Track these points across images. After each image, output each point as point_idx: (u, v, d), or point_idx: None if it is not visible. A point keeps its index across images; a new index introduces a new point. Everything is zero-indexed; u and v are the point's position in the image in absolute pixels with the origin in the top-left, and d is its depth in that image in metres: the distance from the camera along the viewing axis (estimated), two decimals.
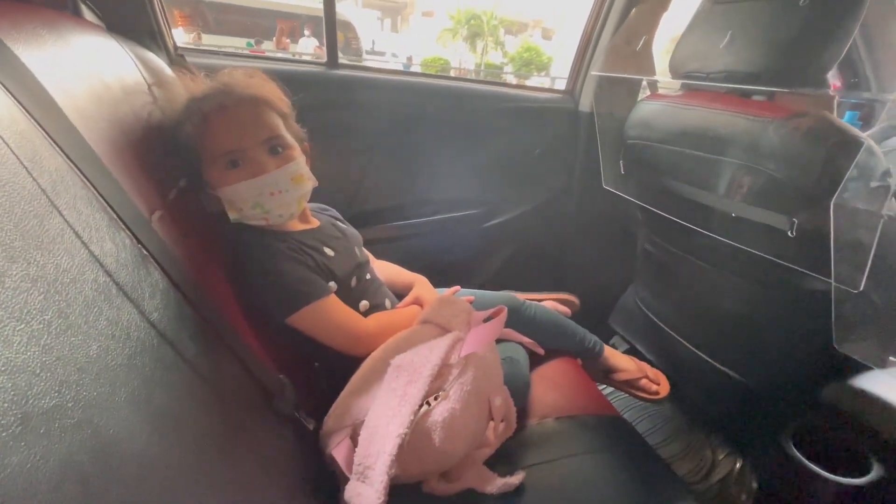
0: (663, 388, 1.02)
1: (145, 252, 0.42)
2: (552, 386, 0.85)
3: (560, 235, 1.34)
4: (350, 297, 0.72)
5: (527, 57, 16.71)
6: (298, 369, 0.70)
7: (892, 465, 0.71)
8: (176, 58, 0.85)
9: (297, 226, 0.72)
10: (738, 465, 1.12)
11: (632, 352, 1.43)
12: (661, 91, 1.04)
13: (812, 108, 0.70)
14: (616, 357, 1.01)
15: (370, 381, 0.61)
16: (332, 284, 0.69)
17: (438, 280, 0.97)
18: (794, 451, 0.75)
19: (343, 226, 0.82)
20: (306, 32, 8.20)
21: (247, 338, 0.60)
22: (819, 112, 0.67)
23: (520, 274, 1.32)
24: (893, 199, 0.59)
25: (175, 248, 0.50)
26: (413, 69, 12.45)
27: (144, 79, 0.65)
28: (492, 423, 0.67)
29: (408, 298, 0.81)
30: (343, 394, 0.62)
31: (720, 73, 0.78)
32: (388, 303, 0.79)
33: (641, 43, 1.00)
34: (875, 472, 0.70)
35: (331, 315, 0.66)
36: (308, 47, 7.95)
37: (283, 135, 0.66)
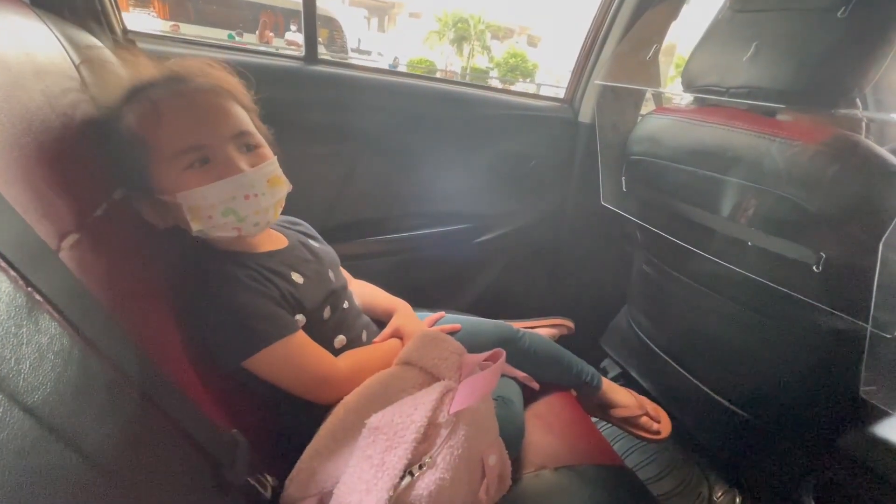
0: (664, 426, 0.94)
1: (38, 297, 0.31)
2: (548, 428, 0.77)
3: (553, 252, 1.26)
4: (322, 331, 0.62)
5: (512, 63, 16.81)
6: (255, 419, 0.59)
7: None
8: (124, 43, 0.73)
9: (261, 246, 0.61)
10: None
11: (624, 376, 1.36)
12: (670, 105, 0.96)
13: (842, 131, 0.63)
14: (614, 391, 0.93)
15: (339, 441, 0.51)
16: (300, 318, 0.59)
17: (424, 300, 0.87)
18: None
19: (315, 245, 0.71)
20: (292, 27, 7.98)
21: (190, 387, 0.49)
22: (857, 137, 0.60)
23: (510, 292, 1.23)
24: None
25: (92, 280, 0.39)
26: (396, 70, 12.33)
27: (73, 62, 0.53)
28: (484, 483, 0.57)
29: (386, 331, 0.71)
30: (307, 454, 0.51)
31: (742, 88, 0.71)
32: (365, 335, 0.69)
33: (651, 52, 0.92)
34: None
35: (295, 356, 0.56)
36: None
37: (254, 131, 0.57)
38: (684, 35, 1.02)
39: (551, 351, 0.87)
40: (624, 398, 0.93)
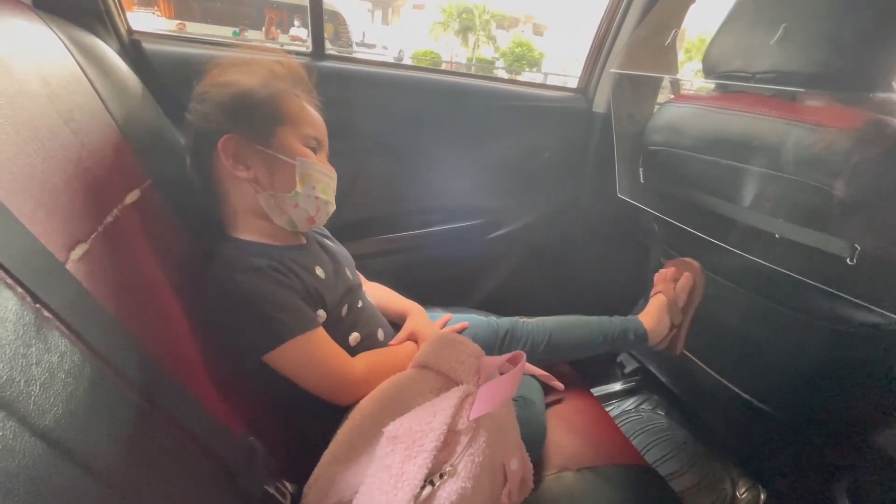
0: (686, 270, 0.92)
1: (46, 313, 0.29)
2: (569, 427, 0.75)
3: (568, 247, 1.24)
4: (339, 328, 0.61)
5: (518, 52, 16.60)
6: (271, 423, 0.59)
7: None
8: (129, 44, 0.72)
9: (283, 241, 0.61)
10: (761, 501, 1.03)
11: (642, 371, 1.34)
12: (689, 92, 0.93)
13: (878, 116, 0.60)
14: (652, 323, 0.89)
15: (357, 448, 0.50)
16: (321, 313, 0.58)
17: (435, 298, 0.86)
18: None
19: (331, 244, 0.70)
20: (296, 23, 7.97)
21: (206, 395, 0.48)
22: (894, 122, 0.56)
23: (523, 289, 1.21)
24: None
25: (103, 291, 0.38)
26: (405, 63, 12.26)
27: (81, 68, 0.52)
28: (506, 488, 0.56)
29: (402, 334, 0.70)
30: (325, 460, 0.50)
31: (769, 73, 0.67)
32: (380, 333, 0.68)
33: (669, 37, 0.89)
34: None
35: (316, 352, 0.55)
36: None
37: None
38: (693, 18, 0.98)
39: (574, 338, 0.84)
40: (658, 312, 0.90)
